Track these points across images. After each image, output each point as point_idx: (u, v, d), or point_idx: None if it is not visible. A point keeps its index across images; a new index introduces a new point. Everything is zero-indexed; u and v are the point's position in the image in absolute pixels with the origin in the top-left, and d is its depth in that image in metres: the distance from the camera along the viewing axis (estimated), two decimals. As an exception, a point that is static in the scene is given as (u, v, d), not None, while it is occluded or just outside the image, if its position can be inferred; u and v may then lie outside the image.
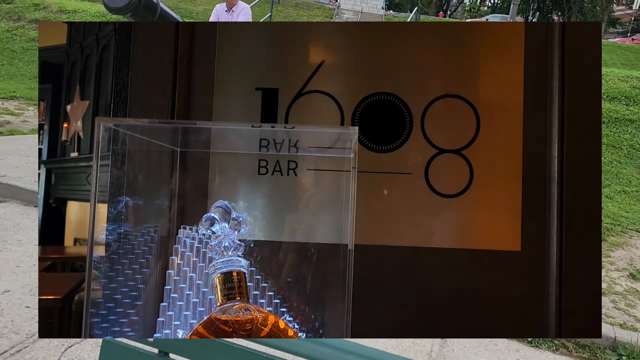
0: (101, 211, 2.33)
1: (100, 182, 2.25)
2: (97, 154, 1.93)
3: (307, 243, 2.67)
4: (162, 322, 2.27)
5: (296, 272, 2.67)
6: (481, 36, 2.85)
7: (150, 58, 2.84)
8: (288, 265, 2.70)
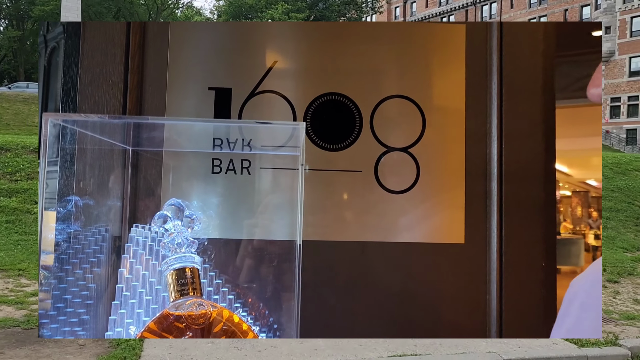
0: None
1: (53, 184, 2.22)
2: (44, 151, 1.91)
3: (260, 240, 2.72)
4: (114, 320, 2.26)
5: (250, 268, 2.72)
6: (426, 38, 2.99)
7: (100, 56, 2.82)
8: (242, 262, 2.74)
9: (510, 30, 3.00)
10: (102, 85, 2.79)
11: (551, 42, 3.03)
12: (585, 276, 1.64)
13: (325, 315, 2.83)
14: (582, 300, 1.57)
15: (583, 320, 1.52)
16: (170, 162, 2.77)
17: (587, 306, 1.55)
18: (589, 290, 1.57)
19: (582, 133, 4.04)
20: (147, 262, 2.42)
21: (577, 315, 1.56)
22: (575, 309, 1.58)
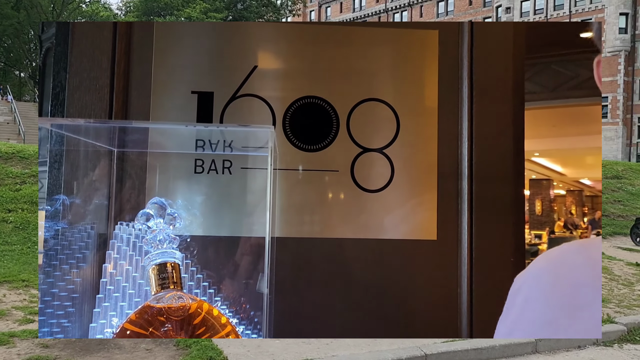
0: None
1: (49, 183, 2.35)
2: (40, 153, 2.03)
3: (240, 237, 2.85)
4: (98, 312, 2.39)
5: (230, 264, 2.84)
6: (400, 42, 3.12)
7: (88, 61, 2.95)
8: (223, 258, 2.87)
9: (480, 31, 3.13)
10: (90, 89, 2.91)
11: (521, 44, 3.16)
12: (528, 271, 1.70)
13: (303, 310, 2.96)
14: (526, 295, 1.63)
15: (526, 313, 1.58)
16: (154, 162, 2.90)
17: (532, 300, 1.60)
18: (532, 285, 1.62)
19: (575, 132, 4.17)
20: (130, 258, 2.54)
21: (521, 309, 1.61)
22: (520, 304, 1.63)
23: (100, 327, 2.38)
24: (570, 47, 3.46)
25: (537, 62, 3.40)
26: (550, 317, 1.47)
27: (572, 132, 4.08)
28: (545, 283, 1.56)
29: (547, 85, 3.57)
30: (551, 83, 3.57)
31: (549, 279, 1.56)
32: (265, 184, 2.76)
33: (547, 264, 1.63)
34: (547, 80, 3.53)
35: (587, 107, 3.80)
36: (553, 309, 1.49)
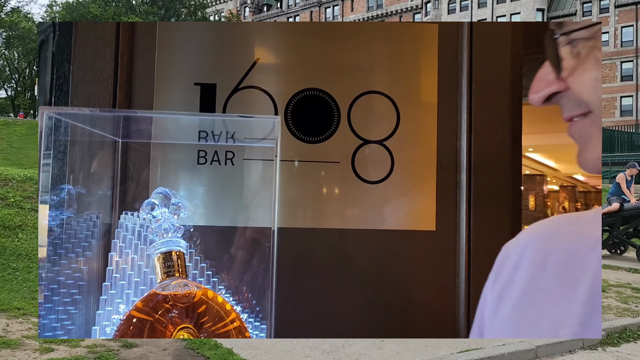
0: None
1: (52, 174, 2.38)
2: (41, 143, 2.07)
3: (243, 227, 2.89)
4: (105, 300, 2.43)
5: (233, 254, 2.89)
6: (401, 37, 3.17)
7: (91, 53, 2.97)
8: (226, 248, 2.91)
9: (480, 30, 3.18)
10: (93, 81, 2.94)
11: (519, 41, 3.22)
12: (516, 239, 1.68)
13: (303, 302, 3.01)
14: (515, 262, 1.57)
15: (516, 283, 1.51)
16: (158, 153, 2.93)
17: (519, 267, 1.53)
18: (521, 252, 1.56)
19: (560, 129, 4.22)
20: (135, 247, 2.58)
21: (510, 275, 1.57)
22: (508, 270, 1.58)
23: (107, 314, 2.42)
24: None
25: (533, 58, 3.46)
26: (541, 285, 1.45)
27: (565, 128, 4.14)
28: (535, 252, 1.54)
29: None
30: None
31: (539, 248, 1.54)
32: (267, 175, 2.81)
33: (538, 232, 1.61)
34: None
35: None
36: (544, 279, 1.47)
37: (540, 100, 1.28)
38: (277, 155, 2.36)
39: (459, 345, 3.84)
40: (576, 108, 1.27)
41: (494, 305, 1.57)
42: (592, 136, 1.26)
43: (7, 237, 5.43)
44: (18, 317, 3.94)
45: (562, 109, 1.29)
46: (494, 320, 1.55)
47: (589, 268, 1.40)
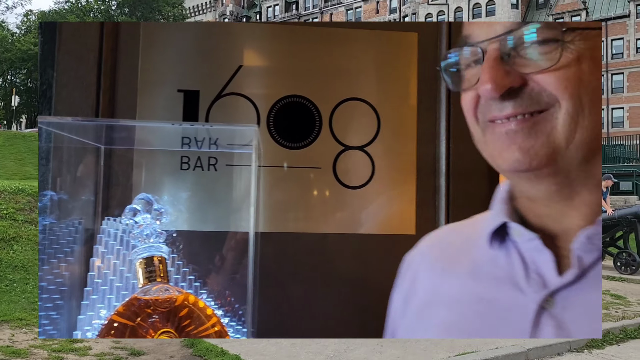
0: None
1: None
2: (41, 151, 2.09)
3: (225, 232, 2.94)
4: (87, 305, 2.46)
5: (216, 258, 2.93)
6: (381, 43, 3.23)
7: (75, 59, 3.00)
8: (209, 253, 2.95)
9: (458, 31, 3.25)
10: (77, 87, 2.97)
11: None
12: (418, 248, 1.81)
13: (286, 304, 3.06)
14: (415, 269, 1.74)
15: (418, 289, 1.65)
16: (141, 159, 2.97)
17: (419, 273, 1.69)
18: (420, 260, 1.74)
19: None
20: (117, 252, 2.62)
21: (411, 282, 1.73)
22: (410, 277, 1.76)
23: (89, 319, 2.45)
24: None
25: None
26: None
27: None
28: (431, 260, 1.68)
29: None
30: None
31: (435, 256, 1.68)
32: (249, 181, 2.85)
33: (431, 243, 1.77)
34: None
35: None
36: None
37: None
38: (254, 162, 2.41)
39: (456, 349, 3.96)
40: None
41: (400, 308, 1.74)
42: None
43: (2, 249, 5.42)
44: (21, 327, 3.97)
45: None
46: (402, 322, 1.71)
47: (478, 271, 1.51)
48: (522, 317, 1.38)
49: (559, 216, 1.40)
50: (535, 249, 1.40)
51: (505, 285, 1.44)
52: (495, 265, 1.48)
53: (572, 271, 1.34)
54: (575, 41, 1.32)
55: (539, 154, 1.29)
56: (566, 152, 1.30)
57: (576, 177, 1.36)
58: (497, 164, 1.38)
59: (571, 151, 1.30)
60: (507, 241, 1.48)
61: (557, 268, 1.36)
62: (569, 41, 1.31)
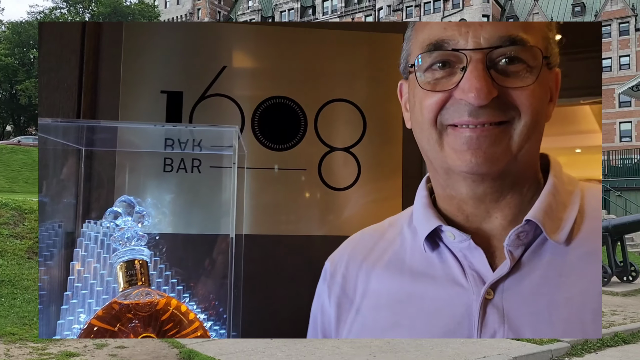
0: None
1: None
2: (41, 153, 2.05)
3: (209, 234, 2.90)
4: (66, 309, 2.41)
5: (199, 261, 2.89)
6: (367, 45, 3.21)
7: (56, 60, 2.95)
8: (192, 256, 2.91)
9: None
10: (58, 88, 2.92)
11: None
12: (340, 253, 1.93)
13: (271, 307, 3.03)
14: (342, 272, 1.85)
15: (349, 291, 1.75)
16: (123, 161, 2.92)
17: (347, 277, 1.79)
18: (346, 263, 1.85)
19: (560, 132, 4.32)
20: (98, 256, 2.57)
21: (341, 286, 1.82)
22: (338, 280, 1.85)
23: (68, 323, 2.40)
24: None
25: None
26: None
27: (553, 132, 4.26)
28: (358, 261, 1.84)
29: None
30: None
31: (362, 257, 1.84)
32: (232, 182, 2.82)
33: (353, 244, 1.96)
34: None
35: (567, 107, 3.96)
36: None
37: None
38: (235, 164, 2.38)
39: (445, 357, 3.98)
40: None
41: (334, 312, 1.79)
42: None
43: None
44: (15, 342, 3.91)
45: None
46: (340, 325, 1.76)
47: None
48: (467, 310, 1.49)
49: (485, 216, 1.53)
50: (468, 248, 1.52)
51: (444, 282, 1.55)
52: (431, 265, 1.59)
53: (505, 264, 1.48)
54: (553, 64, 1.51)
55: (499, 160, 1.43)
56: (515, 159, 1.45)
57: (510, 181, 1.50)
58: (451, 165, 1.47)
59: (518, 158, 1.46)
60: (440, 242, 1.58)
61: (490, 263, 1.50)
62: (548, 64, 1.48)
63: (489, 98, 1.40)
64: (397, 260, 1.68)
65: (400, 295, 1.62)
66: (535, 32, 1.47)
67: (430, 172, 1.65)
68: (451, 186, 1.54)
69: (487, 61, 1.41)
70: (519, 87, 1.42)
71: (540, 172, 1.60)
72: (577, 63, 3.31)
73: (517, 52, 1.42)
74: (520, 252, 1.49)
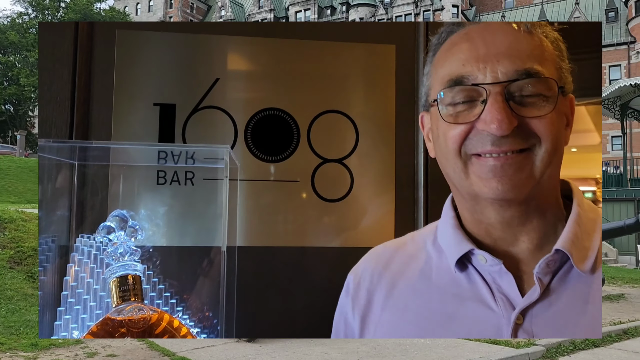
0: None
1: None
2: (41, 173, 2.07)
3: (203, 247, 2.91)
4: (60, 325, 2.42)
5: (193, 274, 2.91)
6: (359, 56, 3.22)
7: (48, 74, 2.96)
8: (186, 268, 2.93)
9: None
10: (50, 102, 2.93)
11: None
12: (365, 267, 1.91)
13: (264, 315, 3.04)
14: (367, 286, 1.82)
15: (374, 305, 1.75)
16: (116, 174, 2.93)
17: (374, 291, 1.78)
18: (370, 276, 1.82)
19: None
20: (91, 270, 2.58)
21: (367, 299, 1.81)
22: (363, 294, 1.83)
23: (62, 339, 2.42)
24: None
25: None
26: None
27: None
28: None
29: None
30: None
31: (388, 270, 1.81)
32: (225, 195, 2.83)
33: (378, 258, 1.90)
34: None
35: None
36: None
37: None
38: (226, 185, 2.40)
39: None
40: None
41: (358, 325, 1.81)
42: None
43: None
44: (5, 351, 3.91)
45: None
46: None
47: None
48: (497, 333, 1.55)
49: (512, 240, 1.59)
50: (499, 272, 1.56)
51: (474, 304, 1.58)
52: (459, 286, 1.62)
53: (535, 290, 1.53)
54: (567, 92, 1.58)
55: (525, 185, 1.50)
56: (539, 184, 1.52)
57: (535, 205, 1.55)
58: (478, 192, 1.54)
59: (542, 183, 1.52)
60: (469, 265, 1.62)
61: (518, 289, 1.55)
62: (562, 92, 1.55)
63: (511, 128, 1.48)
64: (423, 277, 1.71)
65: (428, 312, 1.66)
66: (549, 63, 1.55)
67: (456, 198, 1.69)
68: (479, 211, 1.59)
69: (505, 94, 1.50)
70: (537, 116, 1.51)
71: (561, 197, 1.66)
72: (579, 63, 3.33)
73: (533, 84, 1.51)
74: (548, 279, 1.56)
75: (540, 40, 1.57)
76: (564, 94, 1.58)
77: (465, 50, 1.55)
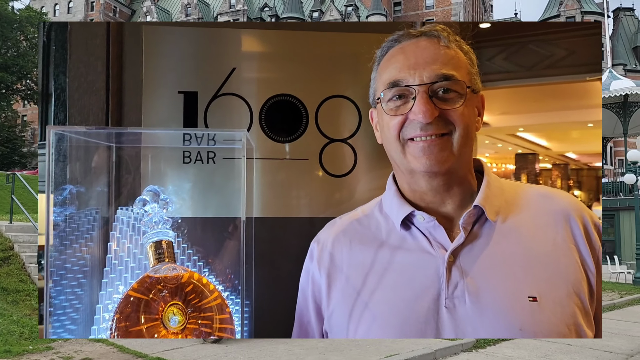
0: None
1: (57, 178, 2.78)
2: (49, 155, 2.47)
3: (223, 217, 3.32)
4: (106, 282, 2.86)
5: (216, 241, 3.32)
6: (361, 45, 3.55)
7: (84, 67, 3.34)
8: (210, 236, 3.34)
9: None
10: (87, 92, 3.32)
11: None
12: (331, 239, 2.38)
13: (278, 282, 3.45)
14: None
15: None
16: (147, 154, 3.34)
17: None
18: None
19: (560, 107, 4.59)
20: (130, 237, 3.00)
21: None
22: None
23: (108, 294, 2.85)
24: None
25: (516, 42, 3.89)
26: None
27: (555, 107, 4.55)
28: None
29: (524, 64, 4.03)
30: (528, 62, 4.03)
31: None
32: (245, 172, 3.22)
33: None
34: (523, 60, 3.99)
35: (560, 85, 4.25)
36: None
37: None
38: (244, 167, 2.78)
39: (381, 352, 4.83)
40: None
41: (325, 282, 2.26)
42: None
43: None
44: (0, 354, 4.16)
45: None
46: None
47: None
48: (436, 271, 2.01)
49: (440, 203, 2.07)
50: (433, 226, 2.04)
51: (417, 252, 2.07)
52: (404, 241, 2.10)
53: (461, 236, 2.01)
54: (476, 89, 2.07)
55: (446, 161, 1.97)
56: (457, 160, 1.99)
57: (456, 176, 2.05)
58: (413, 167, 2.00)
59: (459, 159, 2.00)
60: (410, 225, 2.09)
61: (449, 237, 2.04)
62: (472, 90, 2.04)
63: (433, 117, 1.97)
64: (375, 238, 2.17)
65: (383, 264, 2.11)
66: (462, 70, 2.03)
67: (396, 174, 2.18)
68: (415, 182, 2.07)
69: (429, 92, 1.99)
70: (452, 108, 2.00)
71: (473, 171, 2.14)
72: (580, 40, 3.60)
73: (449, 85, 1.98)
74: (469, 228, 2.03)
75: (455, 52, 2.02)
76: (474, 92, 2.06)
77: (400, 60, 2.01)
